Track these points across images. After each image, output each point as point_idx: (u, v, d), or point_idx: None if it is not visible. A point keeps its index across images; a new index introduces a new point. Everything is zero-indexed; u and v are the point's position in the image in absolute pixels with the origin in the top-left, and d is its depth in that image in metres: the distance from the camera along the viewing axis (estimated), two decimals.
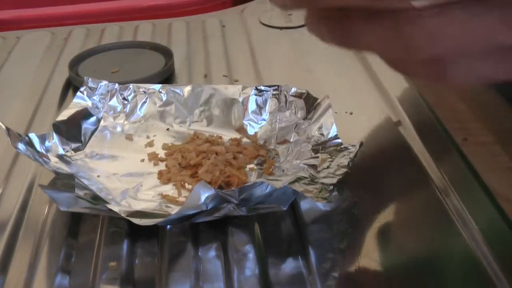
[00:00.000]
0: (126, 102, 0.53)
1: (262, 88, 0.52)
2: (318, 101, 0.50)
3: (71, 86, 0.61)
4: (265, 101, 0.52)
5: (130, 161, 0.48)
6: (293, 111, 0.51)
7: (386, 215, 0.42)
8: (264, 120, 0.51)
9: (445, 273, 0.37)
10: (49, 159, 0.46)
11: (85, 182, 0.42)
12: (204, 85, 0.54)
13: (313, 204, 0.42)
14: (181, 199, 0.44)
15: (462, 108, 0.54)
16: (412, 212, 0.42)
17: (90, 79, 0.52)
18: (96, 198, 0.40)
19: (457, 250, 0.39)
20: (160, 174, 0.46)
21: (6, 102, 0.59)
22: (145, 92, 0.53)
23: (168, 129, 0.52)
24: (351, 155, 0.44)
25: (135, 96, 0.53)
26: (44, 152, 0.46)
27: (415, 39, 0.23)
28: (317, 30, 0.26)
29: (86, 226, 0.42)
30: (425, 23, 0.22)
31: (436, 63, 0.24)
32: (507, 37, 0.22)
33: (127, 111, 0.53)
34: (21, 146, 0.44)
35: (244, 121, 0.52)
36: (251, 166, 0.47)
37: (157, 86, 0.53)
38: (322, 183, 0.42)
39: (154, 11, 0.85)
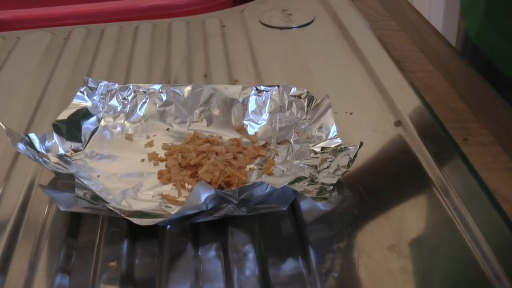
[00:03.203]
0: (126, 102, 0.53)
1: (262, 88, 0.52)
2: (318, 101, 0.50)
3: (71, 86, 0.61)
4: (265, 101, 0.52)
5: (130, 161, 0.48)
6: (293, 111, 0.51)
7: (386, 215, 0.42)
8: (264, 120, 0.51)
9: (445, 273, 0.37)
10: (49, 159, 0.46)
11: (85, 182, 0.42)
12: (204, 85, 0.54)
13: (313, 204, 0.42)
14: (181, 199, 0.44)
15: (462, 108, 0.54)
16: (412, 212, 0.42)
17: (90, 79, 0.52)
18: (96, 198, 0.40)
19: (457, 250, 0.39)
20: (160, 174, 0.46)
21: (6, 102, 0.58)
22: (145, 92, 0.53)
23: (168, 129, 0.52)
24: (351, 155, 0.44)
25: (135, 96, 0.53)
26: (44, 152, 0.46)
27: None
28: None
29: (86, 226, 0.42)
30: None
31: None
32: None
33: (127, 111, 0.53)
34: (21, 146, 0.44)
35: (244, 121, 0.51)
36: (251, 166, 0.47)
37: (157, 86, 0.53)
38: (322, 183, 0.42)
39: (154, 11, 0.85)
